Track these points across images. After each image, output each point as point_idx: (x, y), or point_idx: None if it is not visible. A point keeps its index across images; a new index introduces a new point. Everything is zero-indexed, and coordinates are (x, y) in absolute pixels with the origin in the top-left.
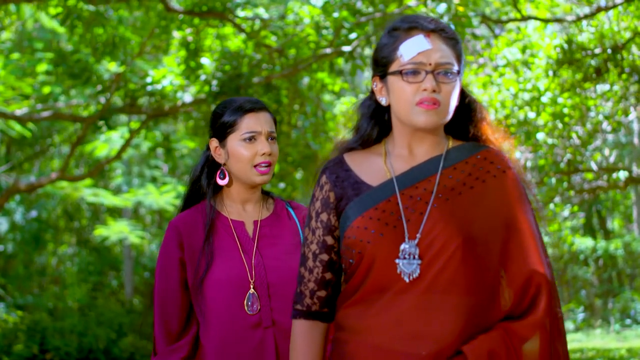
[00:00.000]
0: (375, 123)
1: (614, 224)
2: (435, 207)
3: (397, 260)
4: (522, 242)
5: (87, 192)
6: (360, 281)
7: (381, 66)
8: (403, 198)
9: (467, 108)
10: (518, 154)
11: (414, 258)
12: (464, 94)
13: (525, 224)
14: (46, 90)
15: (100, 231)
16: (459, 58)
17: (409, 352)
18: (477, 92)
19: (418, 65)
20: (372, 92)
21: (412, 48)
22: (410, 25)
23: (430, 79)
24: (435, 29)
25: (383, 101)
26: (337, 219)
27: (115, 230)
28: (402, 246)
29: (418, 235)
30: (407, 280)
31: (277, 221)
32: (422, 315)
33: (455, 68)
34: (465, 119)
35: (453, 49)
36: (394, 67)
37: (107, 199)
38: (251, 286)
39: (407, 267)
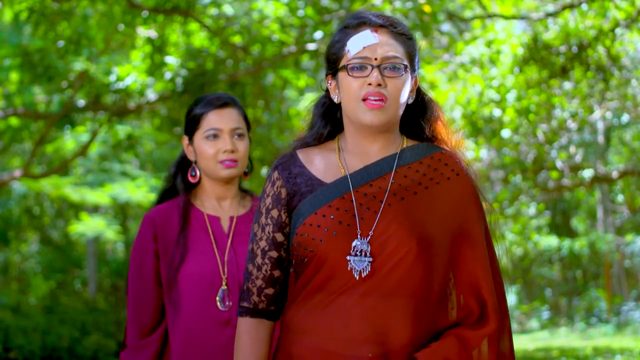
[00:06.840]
0: (327, 121)
1: (578, 222)
2: (390, 206)
3: (348, 257)
4: (471, 249)
5: (69, 189)
6: (310, 279)
7: (332, 63)
8: (357, 196)
9: (422, 107)
10: (484, 152)
11: (365, 255)
12: (419, 92)
13: (475, 230)
14: (18, 102)
15: (75, 227)
16: (410, 54)
17: (355, 355)
18: (445, 88)
19: (364, 59)
20: (327, 90)
21: (358, 43)
22: (359, 20)
23: (375, 73)
24: (384, 24)
25: (335, 99)
26: (287, 215)
27: (92, 226)
28: (354, 243)
29: (370, 233)
30: (357, 278)
31: (253, 219)
32: (369, 317)
33: (404, 63)
34: (419, 118)
35: (403, 44)
36: (342, 63)
37: (91, 195)
38: (223, 282)
39: (358, 264)
